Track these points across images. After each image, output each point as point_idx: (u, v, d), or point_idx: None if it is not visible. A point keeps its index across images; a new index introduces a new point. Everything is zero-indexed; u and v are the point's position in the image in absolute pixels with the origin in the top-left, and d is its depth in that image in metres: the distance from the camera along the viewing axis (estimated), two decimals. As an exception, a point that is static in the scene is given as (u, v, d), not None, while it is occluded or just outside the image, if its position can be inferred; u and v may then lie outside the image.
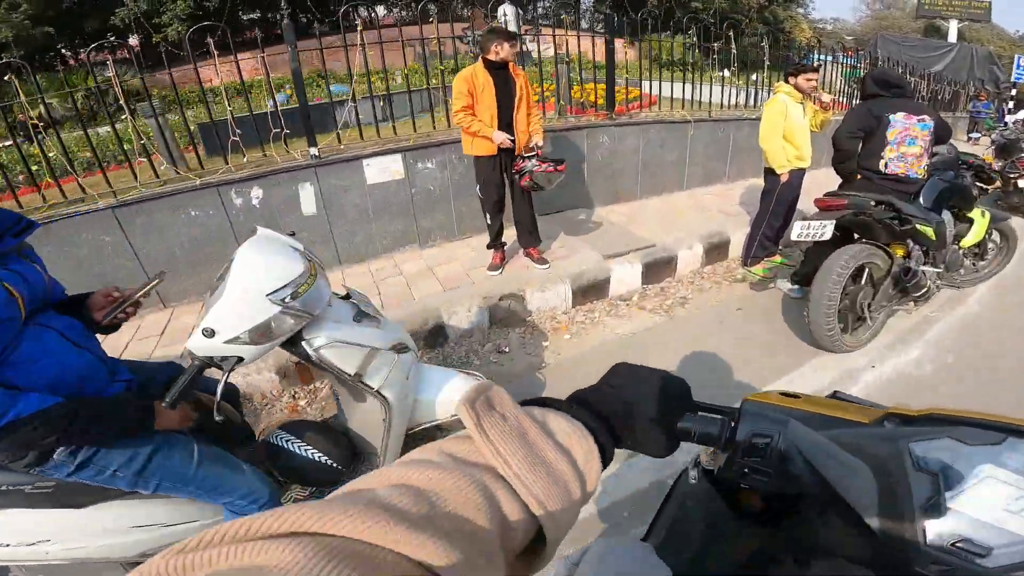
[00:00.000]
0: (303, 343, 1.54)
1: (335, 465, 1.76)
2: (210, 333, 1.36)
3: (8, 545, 1.37)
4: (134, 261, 3.66)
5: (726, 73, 6.51)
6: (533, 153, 3.38)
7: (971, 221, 3.39)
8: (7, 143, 4.55)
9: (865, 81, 3.31)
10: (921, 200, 3.04)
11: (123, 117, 4.08)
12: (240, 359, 1.42)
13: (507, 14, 7.52)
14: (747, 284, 3.98)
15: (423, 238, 4.35)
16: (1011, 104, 13.34)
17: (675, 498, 0.79)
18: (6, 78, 3.59)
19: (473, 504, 0.35)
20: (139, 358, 1.75)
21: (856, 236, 3.07)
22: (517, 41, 3.24)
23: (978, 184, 3.82)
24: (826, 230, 2.93)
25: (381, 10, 11.21)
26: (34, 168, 4.01)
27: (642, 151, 5.06)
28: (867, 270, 2.99)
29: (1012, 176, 5.24)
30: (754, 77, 6.41)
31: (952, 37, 18.41)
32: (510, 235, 3.89)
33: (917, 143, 3.00)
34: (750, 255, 4.00)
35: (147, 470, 1.38)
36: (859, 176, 3.25)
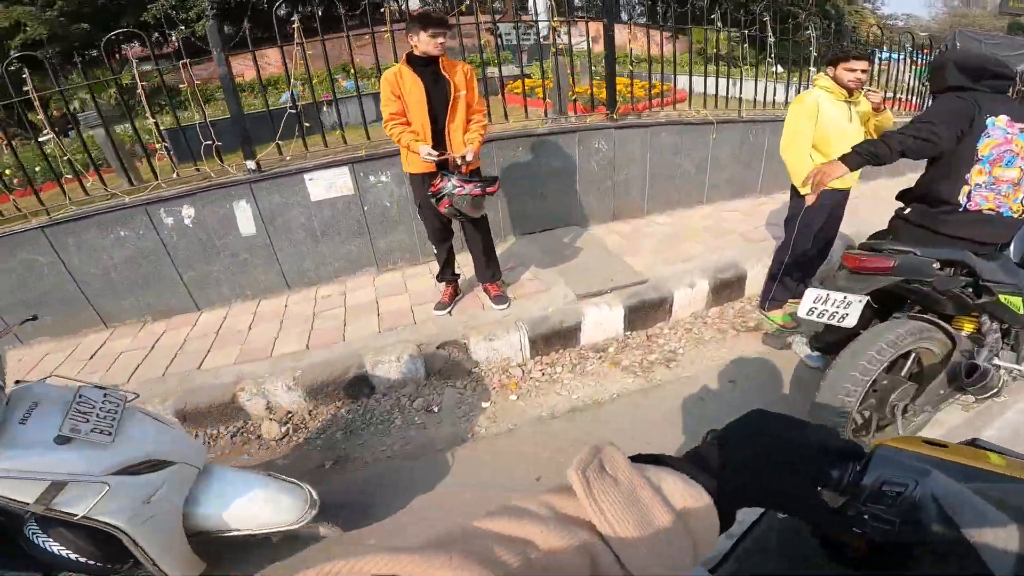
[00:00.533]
0: None
1: (93, 563, 1.57)
2: None
3: None
4: (71, 283, 3.43)
5: (779, 69, 5.51)
6: (454, 171, 2.77)
7: None
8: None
9: (945, 68, 2.11)
10: (1011, 253, 2.10)
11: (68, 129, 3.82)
12: None
13: (538, 4, 6.78)
14: (761, 334, 3.20)
15: (381, 260, 3.87)
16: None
17: (756, 532, 0.74)
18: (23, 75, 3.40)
19: (573, 565, 0.35)
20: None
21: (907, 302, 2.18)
22: (442, 28, 2.56)
23: None
24: (850, 312, 2.05)
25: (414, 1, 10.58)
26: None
27: (650, 158, 4.28)
28: (913, 356, 2.08)
29: None
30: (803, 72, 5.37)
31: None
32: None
33: (1016, 163, 1.94)
34: (768, 297, 3.20)
35: None
36: (908, 213, 2.26)
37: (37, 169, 4.48)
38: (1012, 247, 2.12)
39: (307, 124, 3.59)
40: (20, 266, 3.33)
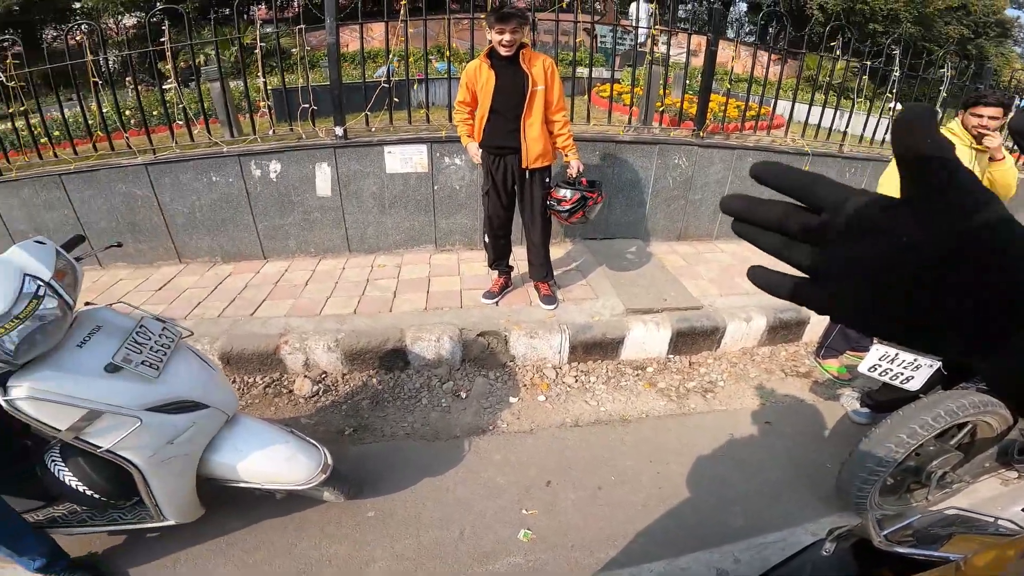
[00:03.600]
0: None
1: (101, 498, 1.63)
2: None
3: None
4: (159, 217, 3.75)
5: (897, 106, 5.08)
6: (573, 181, 2.87)
7: None
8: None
9: None
10: None
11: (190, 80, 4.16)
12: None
13: (640, 11, 6.67)
14: (810, 382, 3.00)
15: (440, 240, 3.94)
16: None
17: (796, 567, 0.76)
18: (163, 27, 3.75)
19: None
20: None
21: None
22: (504, 24, 2.51)
23: None
24: (917, 376, 1.92)
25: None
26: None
27: (731, 182, 4.09)
28: (968, 427, 1.95)
29: None
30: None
31: None
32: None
33: None
34: (825, 344, 2.99)
35: None
36: None
37: (155, 113, 4.93)
38: None
39: (396, 99, 3.71)
40: (119, 196, 3.66)
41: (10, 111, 3.75)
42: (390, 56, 3.68)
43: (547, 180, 2.93)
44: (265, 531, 1.99)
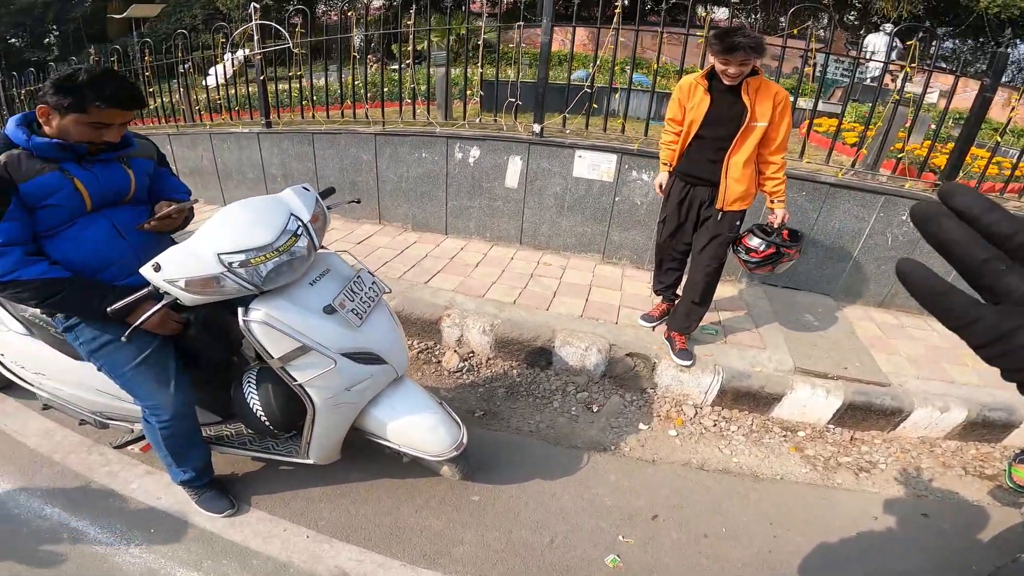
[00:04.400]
0: (240, 309, 1.54)
1: (269, 426, 1.79)
2: (156, 268, 1.45)
3: (23, 367, 1.82)
4: (374, 180, 4.33)
5: None
6: (771, 231, 2.59)
7: None
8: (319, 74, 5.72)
9: None
10: None
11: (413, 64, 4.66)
12: (176, 299, 1.50)
13: (874, 44, 5.77)
14: (993, 486, 2.43)
15: (609, 252, 3.92)
16: None
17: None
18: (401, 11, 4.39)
19: None
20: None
21: None
22: (731, 55, 2.16)
23: None
24: None
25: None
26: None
27: (971, 254, 3.37)
28: None
29: None
30: None
31: None
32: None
33: None
34: None
35: (98, 353, 1.63)
36: None
37: (386, 89, 5.66)
38: None
39: (595, 105, 3.76)
40: (350, 158, 4.31)
41: (289, 75, 4.62)
42: (597, 62, 3.72)
43: (738, 224, 2.64)
44: (377, 489, 2.15)
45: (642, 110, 4.30)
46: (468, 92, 4.14)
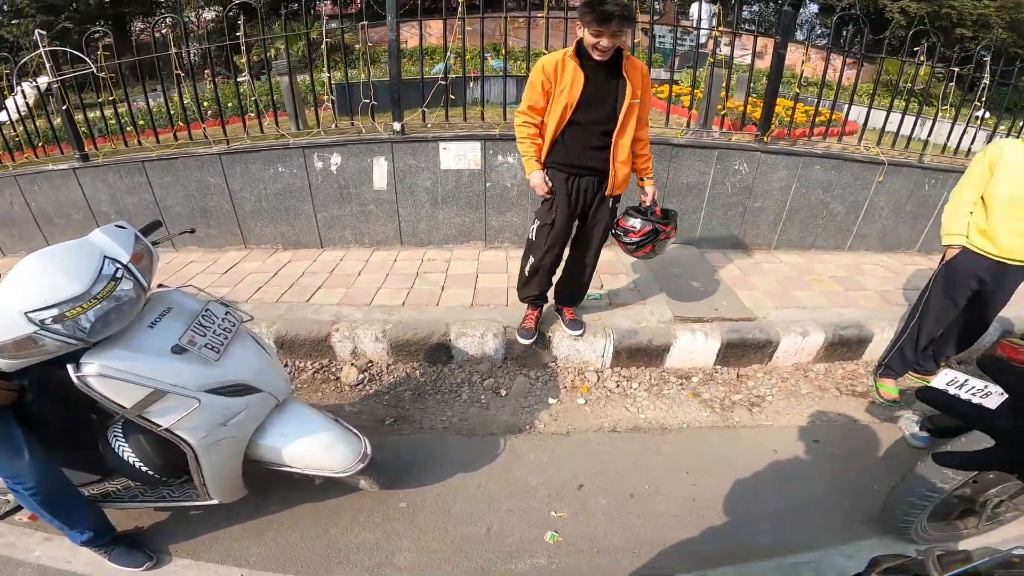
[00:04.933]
0: (69, 366, 1.34)
1: (154, 475, 1.69)
2: (-34, 331, 1.22)
3: None
4: (229, 204, 3.96)
5: (986, 115, 4.72)
6: (645, 210, 2.56)
7: None
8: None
9: None
10: None
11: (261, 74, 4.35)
12: (-4, 368, 1.27)
13: (700, 11, 6.45)
14: (867, 402, 2.84)
15: (490, 237, 3.98)
16: None
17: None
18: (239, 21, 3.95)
19: None
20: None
21: None
22: (618, 27, 2.00)
23: None
24: (986, 404, 1.78)
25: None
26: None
27: (795, 191, 3.91)
28: None
29: None
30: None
31: None
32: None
33: None
34: (883, 364, 2.85)
35: None
36: None
37: (228, 105, 5.20)
38: None
39: (452, 96, 3.77)
40: (195, 183, 3.90)
41: (99, 100, 4.06)
42: (448, 54, 3.73)
43: (616, 206, 2.60)
44: (300, 515, 2.06)
45: (499, 96, 4.39)
46: (322, 97, 3.93)
